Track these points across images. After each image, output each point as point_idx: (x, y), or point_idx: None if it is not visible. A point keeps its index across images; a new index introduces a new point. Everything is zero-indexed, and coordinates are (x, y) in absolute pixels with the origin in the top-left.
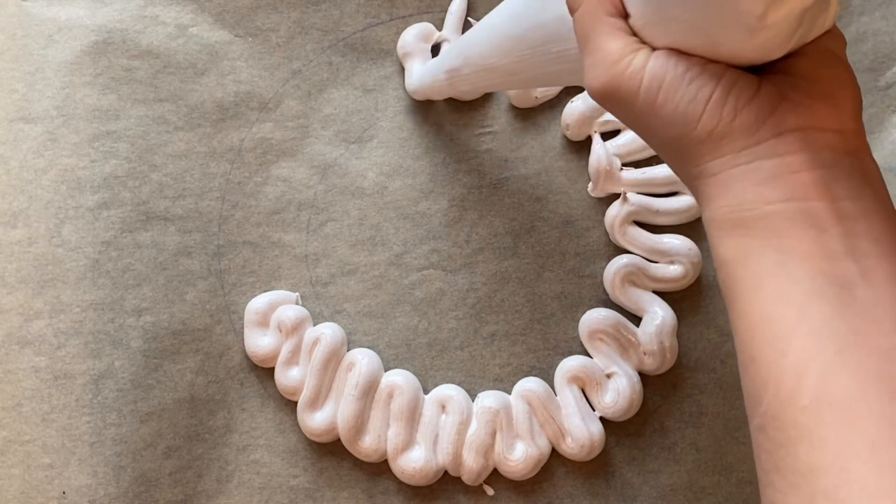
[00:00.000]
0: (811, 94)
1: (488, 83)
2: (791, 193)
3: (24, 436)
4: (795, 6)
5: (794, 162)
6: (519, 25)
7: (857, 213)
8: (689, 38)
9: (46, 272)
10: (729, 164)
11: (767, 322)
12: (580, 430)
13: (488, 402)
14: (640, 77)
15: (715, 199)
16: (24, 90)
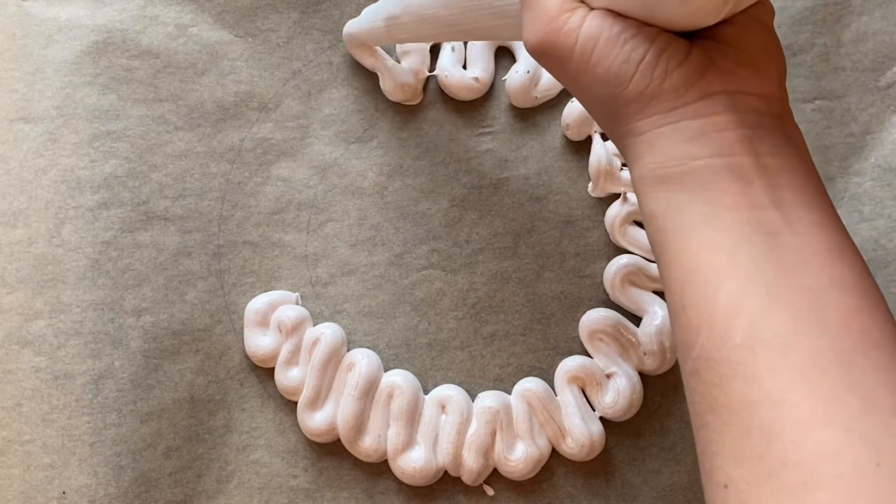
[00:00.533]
0: (738, 61)
1: (427, 33)
2: (717, 150)
3: (24, 436)
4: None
5: (720, 121)
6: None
7: (780, 168)
8: (627, 1)
9: (46, 272)
10: (657, 123)
11: (697, 269)
12: (580, 430)
13: (488, 402)
14: (576, 35)
15: (643, 156)
16: (24, 90)
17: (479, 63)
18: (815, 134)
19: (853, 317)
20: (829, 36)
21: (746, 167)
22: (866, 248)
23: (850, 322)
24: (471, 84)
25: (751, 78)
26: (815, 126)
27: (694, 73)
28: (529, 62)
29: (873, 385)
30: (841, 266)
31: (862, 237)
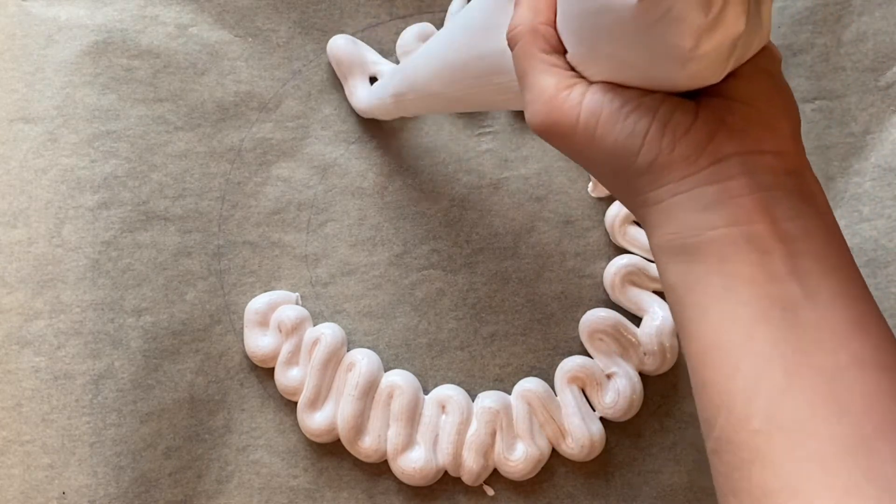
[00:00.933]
0: (748, 118)
1: (435, 108)
2: (733, 218)
3: (23, 436)
4: (727, 36)
5: (735, 187)
6: (460, 56)
7: (799, 232)
8: (624, 73)
9: (46, 272)
10: (671, 192)
11: (716, 347)
12: (580, 431)
13: (488, 403)
14: (577, 112)
15: (660, 226)
16: (24, 90)
17: None
18: (816, 134)
19: (874, 398)
20: (830, 36)
21: (764, 235)
22: (866, 247)
23: (872, 404)
24: None
25: (763, 135)
26: (816, 126)
27: (703, 137)
28: None
29: (895, 473)
30: (862, 341)
31: (862, 237)
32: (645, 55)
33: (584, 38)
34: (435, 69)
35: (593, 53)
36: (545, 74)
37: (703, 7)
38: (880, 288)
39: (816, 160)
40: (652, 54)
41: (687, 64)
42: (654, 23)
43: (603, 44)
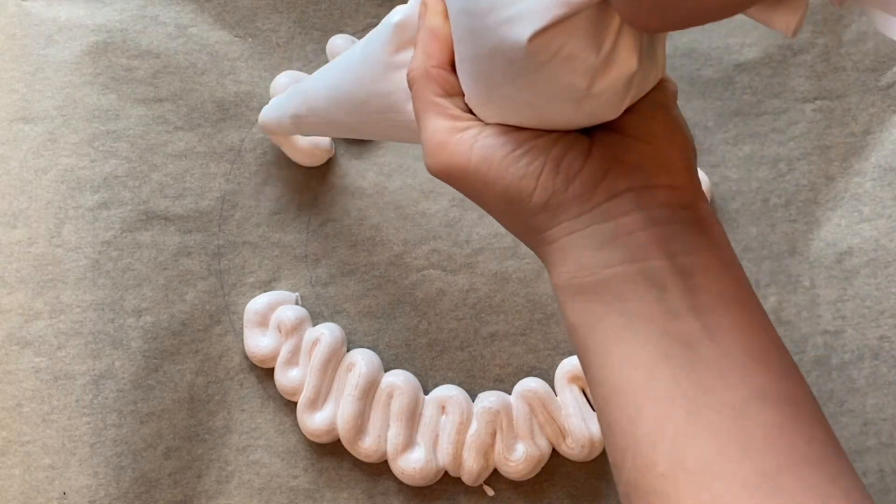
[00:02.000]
0: (642, 153)
1: (335, 133)
2: (629, 255)
3: (24, 436)
4: (620, 74)
5: (629, 222)
6: (361, 90)
7: (696, 267)
8: (520, 113)
9: (46, 272)
10: (566, 230)
11: (619, 390)
12: (581, 431)
13: (488, 403)
14: (468, 157)
15: (557, 265)
16: (24, 90)
17: None
18: (816, 134)
19: (779, 431)
20: (830, 36)
21: (661, 271)
22: (867, 247)
23: (776, 438)
24: None
25: (656, 169)
26: (816, 126)
27: (597, 173)
28: None
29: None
30: (764, 374)
31: (862, 237)
32: (539, 96)
33: (479, 80)
34: (336, 98)
35: (489, 95)
36: (438, 117)
37: (594, 46)
38: (881, 288)
39: (817, 160)
40: (546, 94)
41: (582, 103)
42: (545, 63)
43: (497, 85)
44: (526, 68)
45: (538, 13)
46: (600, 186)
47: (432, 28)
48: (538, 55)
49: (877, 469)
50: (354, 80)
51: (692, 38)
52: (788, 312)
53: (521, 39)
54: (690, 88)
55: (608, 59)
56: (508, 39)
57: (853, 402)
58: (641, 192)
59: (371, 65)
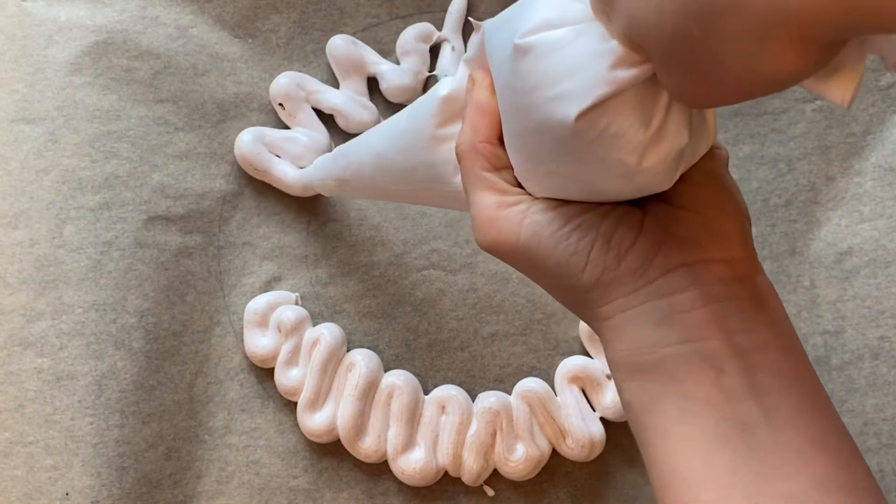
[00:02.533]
0: (695, 226)
1: (381, 197)
2: (685, 334)
3: (27, 437)
4: (671, 148)
5: (685, 300)
6: (407, 160)
7: (754, 345)
8: (570, 187)
9: (48, 273)
10: (620, 307)
11: (676, 474)
12: (580, 431)
13: (488, 403)
14: (517, 233)
15: (613, 342)
16: (25, 91)
17: None
18: (816, 134)
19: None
20: None
21: (718, 352)
22: (867, 247)
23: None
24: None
25: (711, 242)
26: (816, 126)
27: (650, 249)
28: None
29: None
30: (824, 460)
31: (862, 237)
32: (588, 171)
33: (527, 155)
34: (382, 166)
35: (537, 170)
36: (486, 192)
37: (643, 123)
38: (881, 288)
39: (817, 160)
40: (595, 170)
41: (632, 178)
42: (593, 140)
43: (546, 161)
44: (573, 146)
45: (585, 92)
46: (654, 262)
47: (479, 103)
48: (586, 133)
49: (877, 469)
50: (401, 149)
51: None
52: (788, 312)
53: (569, 118)
54: None
55: (658, 134)
56: (555, 118)
57: (853, 402)
58: (696, 266)
59: (418, 136)
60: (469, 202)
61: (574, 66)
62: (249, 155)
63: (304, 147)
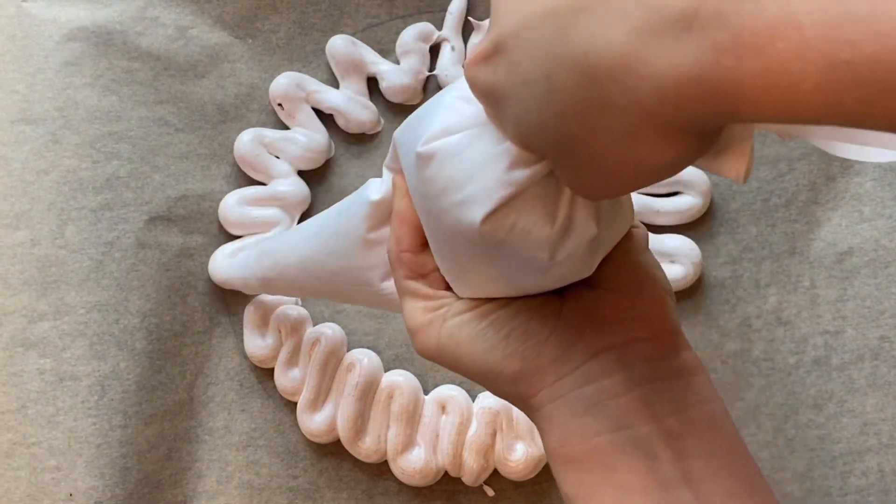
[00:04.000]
0: (616, 306)
1: (305, 295)
2: (615, 422)
3: (30, 438)
4: (581, 240)
5: (611, 386)
6: (337, 262)
7: (685, 428)
8: (492, 286)
9: (50, 274)
10: (548, 397)
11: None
12: None
13: (488, 403)
14: (437, 337)
15: (545, 433)
16: (25, 91)
17: None
18: None
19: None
20: None
21: (649, 438)
22: (867, 247)
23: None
24: None
25: (634, 323)
26: None
27: (570, 336)
28: None
29: None
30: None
31: (862, 237)
32: (505, 269)
33: (446, 256)
34: (308, 268)
35: (458, 270)
36: (411, 300)
37: (549, 218)
38: (881, 288)
39: (817, 160)
40: (512, 267)
41: (548, 272)
42: (503, 240)
43: (464, 261)
44: (485, 247)
45: (486, 195)
46: (576, 347)
47: (399, 211)
48: (495, 234)
49: (877, 469)
50: (329, 252)
51: None
52: (788, 312)
53: (475, 222)
54: None
55: (565, 228)
56: (463, 222)
57: (853, 402)
58: (621, 349)
59: (348, 239)
60: (402, 310)
61: (474, 169)
62: (249, 156)
63: (303, 147)
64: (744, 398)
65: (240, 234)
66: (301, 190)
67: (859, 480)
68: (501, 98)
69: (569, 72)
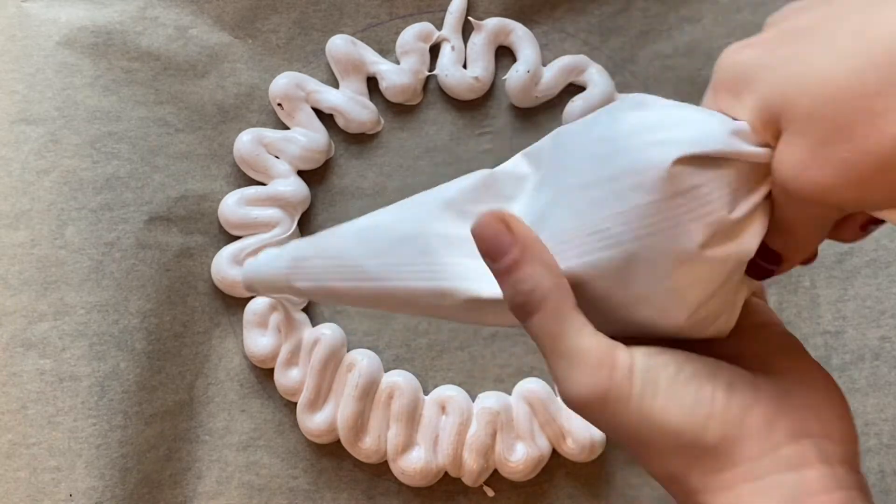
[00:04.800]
0: (812, 398)
1: (348, 298)
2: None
3: (29, 438)
4: (737, 250)
5: (813, 480)
6: (411, 227)
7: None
8: (629, 314)
9: (50, 274)
10: (742, 476)
11: None
12: (581, 431)
13: (488, 403)
14: (630, 381)
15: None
16: (25, 91)
17: (480, 62)
18: None
19: None
20: None
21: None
22: (867, 248)
23: None
24: (471, 83)
25: (832, 419)
26: None
27: (772, 408)
28: (530, 61)
29: None
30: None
31: None
32: (648, 248)
33: (593, 246)
34: (367, 238)
35: (599, 273)
36: (587, 337)
37: (730, 204)
38: (882, 288)
39: None
40: (656, 246)
41: (691, 268)
42: (676, 195)
43: (611, 248)
44: (649, 203)
45: (696, 141)
46: (778, 424)
47: (532, 238)
48: (676, 182)
49: (877, 469)
50: (402, 217)
51: (692, 39)
52: (789, 312)
53: (668, 158)
54: (691, 88)
55: (735, 225)
56: (652, 158)
57: (854, 403)
58: (821, 441)
59: (431, 204)
60: (558, 353)
61: (691, 120)
62: (248, 156)
63: (302, 147)
64: None
65: (240, 234)
66: (301, 190)
67: None
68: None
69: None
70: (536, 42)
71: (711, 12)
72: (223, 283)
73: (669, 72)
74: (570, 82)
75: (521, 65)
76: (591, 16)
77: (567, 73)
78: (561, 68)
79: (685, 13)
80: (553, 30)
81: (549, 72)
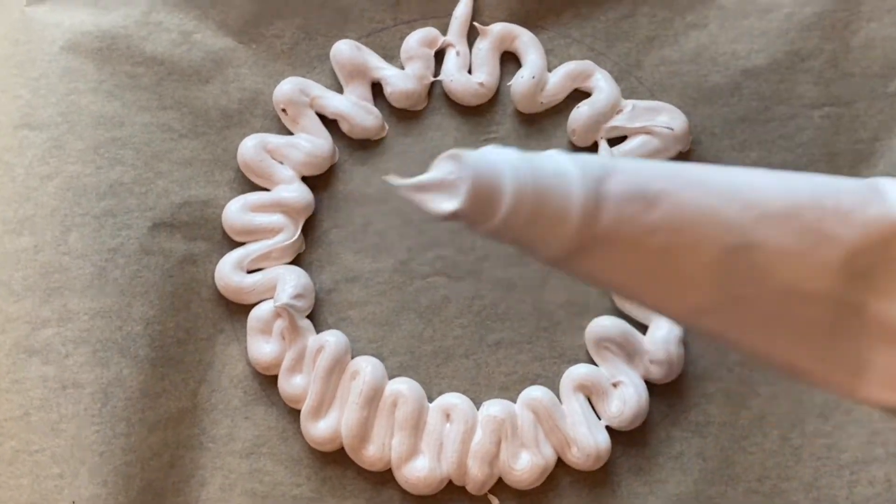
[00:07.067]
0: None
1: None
2: None
3: (32, 445)
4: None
5: None
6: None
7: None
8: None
9: (53, 280)
10: None
11: None
12: (586, 440)
13: (493, 411)
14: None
15: None
16: (29, 96)
17: (485, 68)
18: (824, 141)
19: None
20: (838, 42)
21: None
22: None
23: None
24: (476, 89)
25: None
26: (824, 133)
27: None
28: (535, 67)
29: None
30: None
31: None
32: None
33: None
34: (747, 181)
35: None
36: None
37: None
38: None
39: (825, 167)
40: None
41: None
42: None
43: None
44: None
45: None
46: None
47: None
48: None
49: (884, 479)
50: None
51: (699, 44)
52: None
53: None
54: (697, 95)
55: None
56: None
57: (860, 412)
58: None
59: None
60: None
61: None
62: (252, 162)
63: (306, 153)
64: (750, 407)
65: (243, 240)
66: (305, 196)
67: (866, 490)
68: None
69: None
70: (542, 48)
71: (718, 18)
72: (227, 290)
73: (676, 77)
74: (576, 88)
75: (527, 70)
76: (596, 21)
77: (573, 79)
78: (566, 74)
79: (692, 19)
80: (559, 35)
81: (554, 77)
